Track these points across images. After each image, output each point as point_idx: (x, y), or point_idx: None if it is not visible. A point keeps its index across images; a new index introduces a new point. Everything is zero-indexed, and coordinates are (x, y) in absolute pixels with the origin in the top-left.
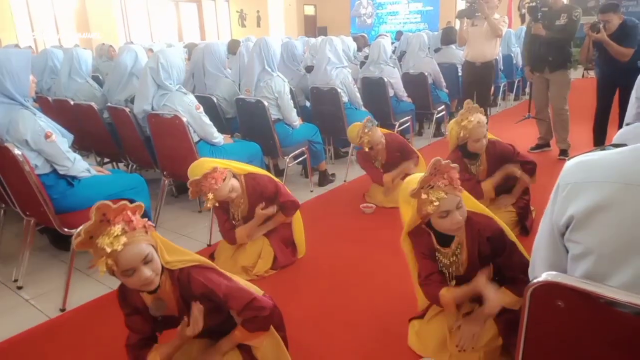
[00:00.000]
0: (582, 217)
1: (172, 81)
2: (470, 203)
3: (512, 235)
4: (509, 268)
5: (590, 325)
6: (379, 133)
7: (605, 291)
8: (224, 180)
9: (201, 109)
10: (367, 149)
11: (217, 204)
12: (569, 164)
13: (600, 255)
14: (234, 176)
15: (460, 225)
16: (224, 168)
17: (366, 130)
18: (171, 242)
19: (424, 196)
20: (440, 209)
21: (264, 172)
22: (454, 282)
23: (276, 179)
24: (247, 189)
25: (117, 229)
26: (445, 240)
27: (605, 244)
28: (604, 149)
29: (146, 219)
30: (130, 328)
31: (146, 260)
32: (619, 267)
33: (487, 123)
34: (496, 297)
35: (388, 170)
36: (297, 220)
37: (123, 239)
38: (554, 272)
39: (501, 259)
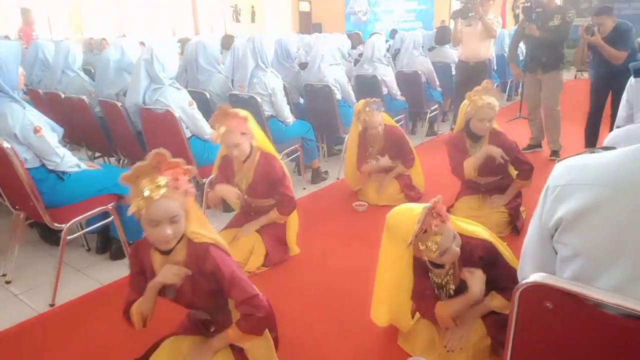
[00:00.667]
0: (571, 219)
1: (165, 74)
2: (462, 227)
3: (502, 247)
4: (499, 280)
5: (578, 326)
6: (379, 119)
7: (593, 293)
8: (243, 134)
9: (194, 105)
10: (359, 128)
11: (220, 142)
12: (558, 166)
13: (588, 257)
14: (251, 146)
15: (456, 257)
16: (251, 137)
17: (367, 109)
18: (203, 215)
19: (422, 247)
20: (439, 251)
21: (278, 158)
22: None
23: (287, 172)
24: (257, 164)
25: (162, 180)
26: (439, 265)
27: (593, 246)
28: (593, 152)
29: (190, 184)
30: (132, 286)
31: (173, 220)
32: (607, 269)
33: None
34: (479, 283)
35: (387, 150)
36: (293, 221)
37: (163, 191)
38: (542, 274)
39: (492, 272)
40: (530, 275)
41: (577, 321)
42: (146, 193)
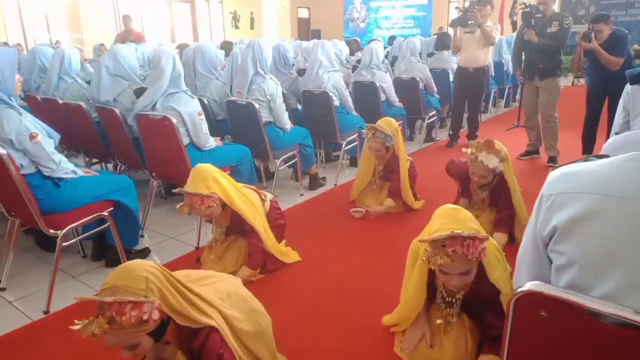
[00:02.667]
0: (565, 228)
1: (182, 80)
2: (493, 273)
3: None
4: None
5: (573, 334)
6: (378, 146)
7: (588, 301)
8: (209, 207)
9: (203, 116)
10: (366, 143)
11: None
12: (552, 175)
13: (583, 266)
14: (223, 205)
15: (457, 288)
16: (218, 195)
17: (371, 132)
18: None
19: (429, 249)
20: (441, 268)
21: (255, 213)
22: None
23: (258, 228)
24: (231, 217)
25: (101, 321)
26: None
27: (588, 255)
28: (587, 160)
29: (147, 312)
30: None
31: (130, 348)
32: (601, 277)
33: (499, 163)
34: None
35: (383, 177)
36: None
37: (105, 327)
38: (537, 282)
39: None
40: (525, 283)
41: (572, 329)
42: (94, 330)
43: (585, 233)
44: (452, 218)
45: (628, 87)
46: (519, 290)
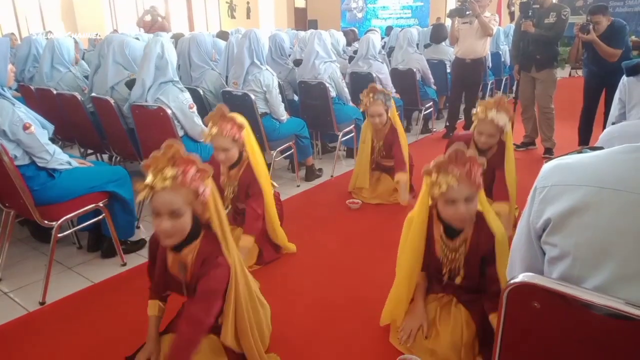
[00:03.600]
0: (559, 220)
1: (172, 70)
2: (489, 215)
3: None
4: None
5: (566, 326)
6: (379, 110)
7: (581, 293)
8: (234, 139)
9: (194, 108)
10: (361, 109)
11: (212, 143)
12: (546, 166)
13: (575, 258)
14: (241, 155)
15: (462, 219)
16: (244, 135)
17: (371, 95)
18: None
19: (434, 177)
20: (446, 196)
21: (263, 175)
22: (446, 276)
23: (265, 192)
24: (242, 175)
25: (169, 171)
26: (452, 232)
27: (580, 247)
28: (580, 152)
29: (204, 187)
30: (149, 274)
31: (173, 214)
32: (594, 270)
33: (508, 123)
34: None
35: (385, 157)
36: (274, 227)
37: (166, 183)
38: (530, 274)
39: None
40: (518, 275)
41: (565, 321)
42: (148, 180)
43: (578, 225)
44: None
45: (624, 79)
46: (512, 281)
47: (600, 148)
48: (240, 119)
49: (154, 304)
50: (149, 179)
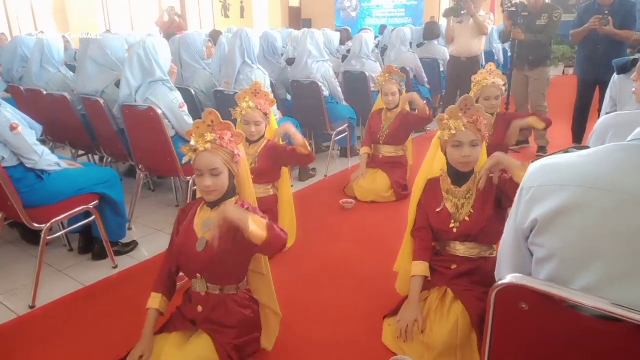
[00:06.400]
0: (546, 221)
1: (160, 70)
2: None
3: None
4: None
5: (553, 327)
6: (394, 89)
7: (568, 294)
8: (265, 114)
9: (185, 108)
10: (373, 87)
11: (244, 117)
12: (532, 167)
13: (563, 258)
14: (265, 131)
15: (467, 162)
16: (269, 121)
17: (387, 74)
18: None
19: (445, 121)
20: (454, 138)
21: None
22: (456, 225)
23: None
24: (264, 149)
25: (209, 136)
26: (459, 180)
27: (567, 248)
28: (567, 152)
29: (239, 150)
30: (169, 252)
31: (213, 173)
32: (581, 270)
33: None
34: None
35: (388, 142)
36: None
37: (207, 145)
38: (518, 275)
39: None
40: (506, 276)
41: (552, 322)
42: (192, 143)
43: (565, 226)
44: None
45: (615, 77)
46: (500, 283)
47: (587, 147)
48: (271, 95)
49: (157, 297)
50: (192, 142)
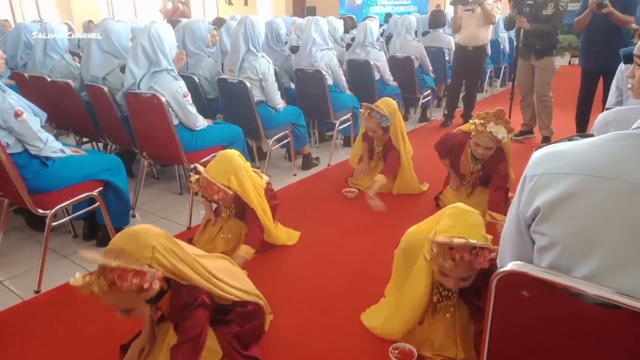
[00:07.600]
0: (548, 209)
1: (165, 58)
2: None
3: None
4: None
5: (554, 314)
6: (374, 128)
7: (569, 282)
8: (222, 194)
9: (189, 97)
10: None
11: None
12: (536, 155)
13: (564, 247)
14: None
15: (453, 289)
16: (233, 190)
17: (367, 112)
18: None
19: (434, 250)
20: (443, 270)
21: (263, 204)
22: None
23: (262, 217)
24: (235, 201)
25: (104, 282)
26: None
27: (569, 236)
28: (570, 140)
29: (148, 282)
30: None
31: (124, 312)
32: (583, 258)
33: (506, 137)
34: None
35: (383, 155)
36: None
37: (104, 290)
38: (519, 262)
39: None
40: (508, 263)
41: (553, 310)
42: (94, 290)
43: (567, 214)
44: (462, 221)
45: (622, 66)
46: (502, 270)
47: (591, 135)
48: (224, 177)
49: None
50: (94, 288)
